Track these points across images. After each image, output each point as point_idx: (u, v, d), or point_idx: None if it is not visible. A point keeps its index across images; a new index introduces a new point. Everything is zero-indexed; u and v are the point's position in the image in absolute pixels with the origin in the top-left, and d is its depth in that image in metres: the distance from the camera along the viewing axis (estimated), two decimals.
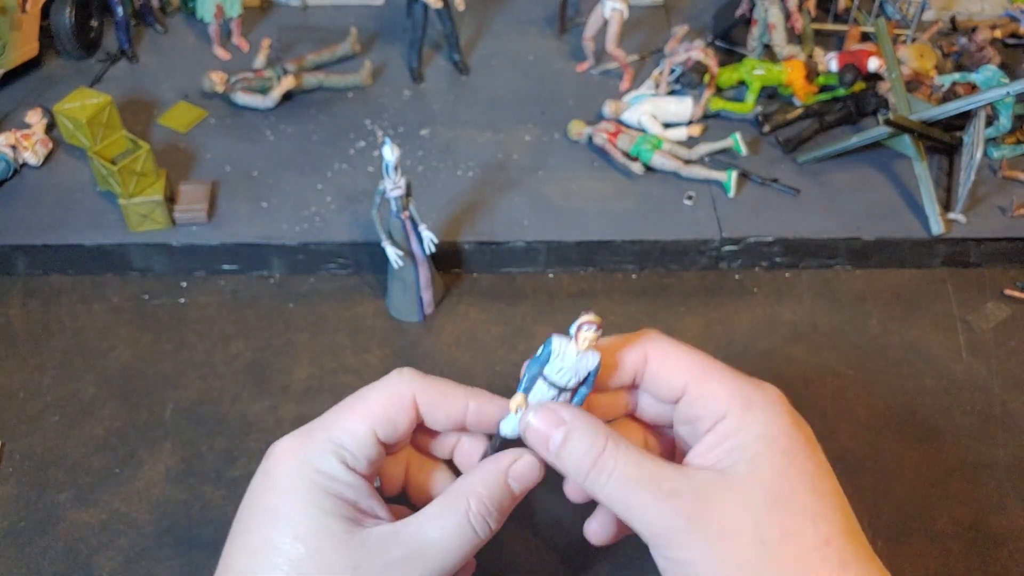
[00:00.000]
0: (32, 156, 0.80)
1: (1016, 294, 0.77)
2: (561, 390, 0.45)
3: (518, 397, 0.45)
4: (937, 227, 0.77)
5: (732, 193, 0.80)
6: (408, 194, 0.66)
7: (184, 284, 0.76)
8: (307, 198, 0.79)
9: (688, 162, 0.82)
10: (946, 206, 0.80)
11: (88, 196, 0.78)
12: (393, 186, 0.64)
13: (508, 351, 0.71)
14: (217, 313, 0.73)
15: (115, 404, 0.66)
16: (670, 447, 0.50)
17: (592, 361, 0.45)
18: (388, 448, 0.45)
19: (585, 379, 0.45)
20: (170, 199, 0.76)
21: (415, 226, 0.68)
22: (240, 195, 0.79)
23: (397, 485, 0.49)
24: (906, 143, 0.83)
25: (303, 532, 0.40)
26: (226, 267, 0.76)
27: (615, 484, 0.42)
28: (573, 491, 0.49)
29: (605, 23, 0.91)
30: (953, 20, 1.03)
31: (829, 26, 1.02)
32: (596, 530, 0.50)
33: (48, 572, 0.56)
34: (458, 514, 0.42)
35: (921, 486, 0.62)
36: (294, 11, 1.05)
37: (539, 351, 0.45)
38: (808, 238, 0.77)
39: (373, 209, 0.66)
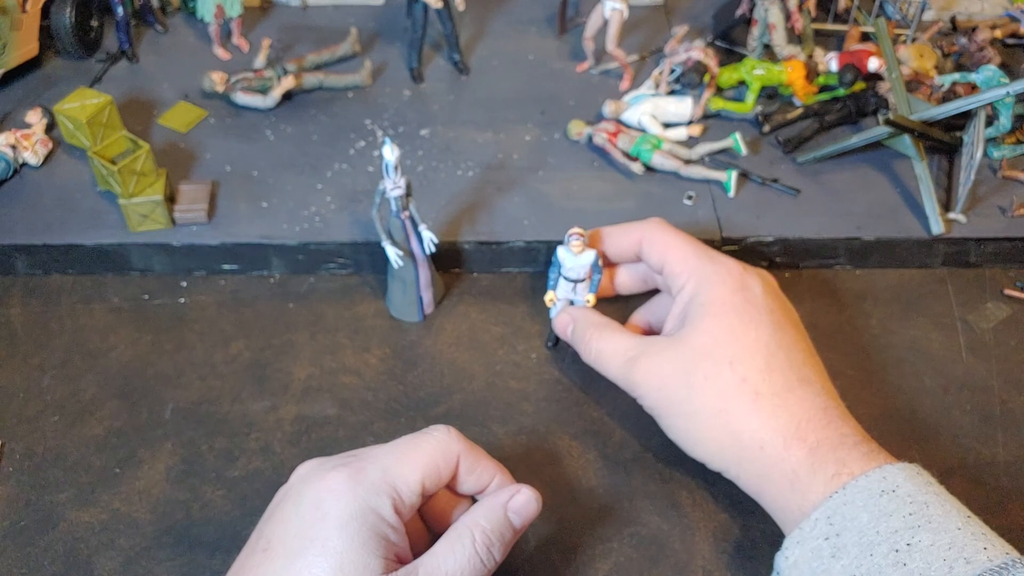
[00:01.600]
0: (32, 156, 0.80)
1: (1016, 294, 0.77)
2: (576, 281, 0.67)
3: (549, 293, 0.68)
4: (937, 227, 0.77)
5: (732, 193, 0.80)
6: (408, 194, 0.65)
7: (184, 284, 0.76)
8: (307, 198, 0.79)
9: (688, 162, 0.82)
10: (946, 206, 0.80)
11: (88, 196, 0.78)
12: (393, 186, 0.64)
13: (508, 351, 0.71)
14: (217, 313, 0.73)
15: (115, 404, 0.66)
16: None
17: (590, 257, 0.65)
18: (425, 498, 0.49)
19: (592, 271, 0.66)
20: (170, 199, 0.76)
21: (415, 226, 0.68)
22: (240, 195, 0.79)
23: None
24: (906, 143, 0.83)
25: (349, 568, 0.43)
26: (226, 267, 0.76)
27: (598, 357, 0.62)
28: (624, 283, 0.72)
29: (605, 23, 0.91)
30: (953, 20, 1.03)
31: (829, 26, 1.02)
32: (624, 279, 0.71)
33: (48, 572, 0.56)
34: (466, 547, 0.47)
35: None
36: (294, 11, 1.05)
37: (552, 260, 0.67)
38: (808, 238, 0.77)
39: (373, 209, 0.66)
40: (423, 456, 0.48)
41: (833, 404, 0.55)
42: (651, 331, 0.68)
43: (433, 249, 0.69)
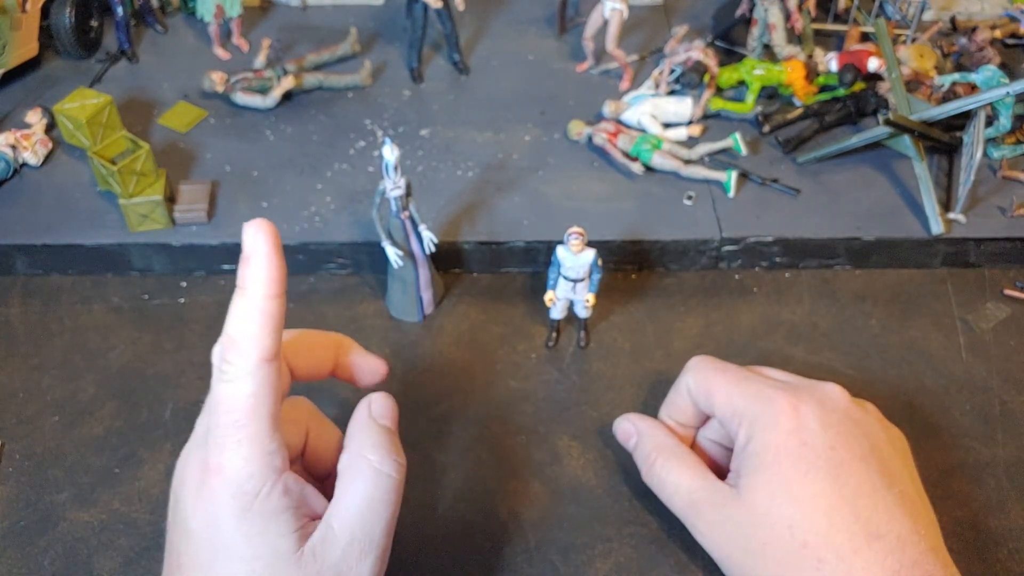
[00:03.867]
0: (32, 156, 0.80)
1: (1016, 294, 0.77)
2: (576, 281, 0.66)
3: (549, 293, 0.68)
4: (937, 227, 0.77)
5: (732, 193, 0.80)
6: (408, 194, 0.65)
7: (184, 284, 0.76)
8: (307, 198, 0.79)
9: (688, 162, 0.82)
10: (946, 206, 0.80)
11: (88, 196, 0.78)
12: (393, 186, 0.64)
13: (508, 351, 0.71)
14: (217, 313, 0.73)
15: (115, 404, 0.66)
16: None
17: (589, 256, 0.65)
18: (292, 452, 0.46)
19: (591, 270, 0.66)
20: (170, 199, 0.76)
21: (415, 226, 0.68)
22: (240, 195, 0.79)
23: (298, 450, 0.49)
24: (906, 143, 0.83)
25: (259, 566, 0.41)
26: (226, 267, 0.76)
27: (660, 487, 0.56)
28: None
29: (605, 23, 0.91)
30: (953, 20, 1.03)
31: (829, 26, 1.02)
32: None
33: (48, 572, 0.56)
34: (367, 473, 0.44)
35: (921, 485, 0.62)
36: (294, 11, 1.05)
37: (552, 260, 0.66)
38: (808, 238, 0.77)
39: (373, 209, 0.66)
40: (259, 401, 0.43)
41: (911, 558, 0.48)
42: (720, 457, 0.60)
43: (433, 249, 0.69)
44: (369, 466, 0.45)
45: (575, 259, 0.65)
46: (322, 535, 0.43)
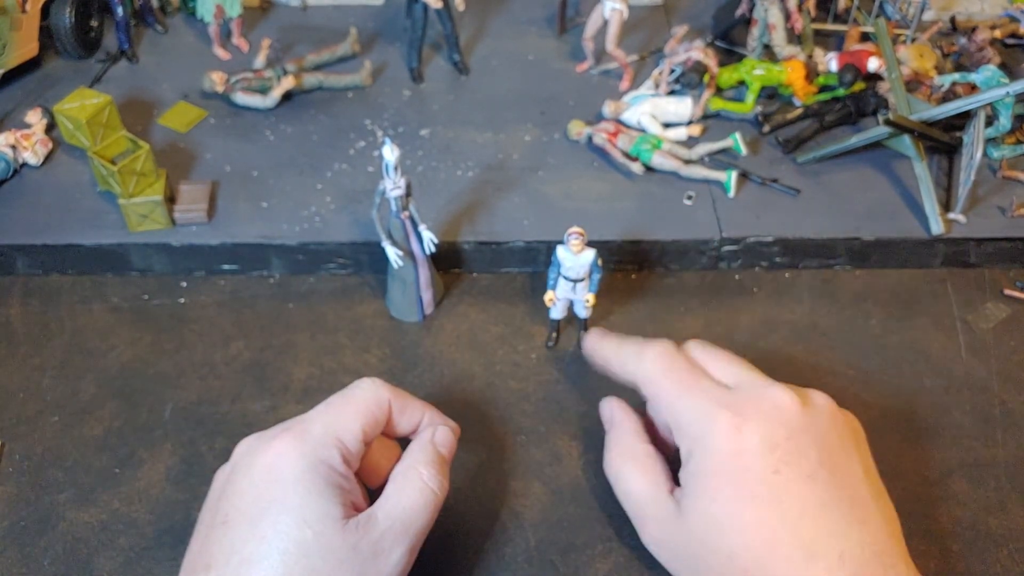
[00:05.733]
0: (32, 156, 0.80)
1: (1016, 294, 0.77)
2: (576, 281, 0.66)
3: (548, 293, 0.68)
4: (937, 227, 0.77)
5: (732, 193, 0.80)
6: (408, 194, 0.65)
7: (184, 284, 0.76)
8: (307, 198, 0.79)
9: (688, 162, 0.82)
10: (946, 206, 0.80)
11: (88, 196, 0.78)
12: (393, 186, 0.64)
13: (508, 351, 0.71)
14: (217, 313, 0.73)
15: (115, 404, 0.66)
16: None
17: (589, 256, 0.65)
18: (366, 445, 0.52)
19: (591, 270, 0.66)
20: (170, 199, 0.76)
21: (415, 226, 0.67)
22: (240, 195, 0.79)
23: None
24: (906, 143, 0.83)
25: (312, 518, 0.46)
26: (226, 267, 0.76)
27: (620, 489, 0.56)
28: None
29: (605, 23, 0.91)
30: (953, 20, 1.03)
31: (829, 26, 1.02)
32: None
33: (48, 572, 0.56)
34: (416, 483, 0.50)
35: (921, 486, 0.62)
36: (294, 11, 1.05)
37: (552, 260, 0.66)
38: (808, 238, 0.77)
39: (373, 209, 0.66)
40: (358, 406, 0.51)
41: (851, 571, 0.47)
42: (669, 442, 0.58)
43: (433, 249, 0.68)
44: (419, 478, 0.51)
45: (575, 259, 0.65)
46: (367, 516, 0.48)
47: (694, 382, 0.54)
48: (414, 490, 0.50)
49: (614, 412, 0.59)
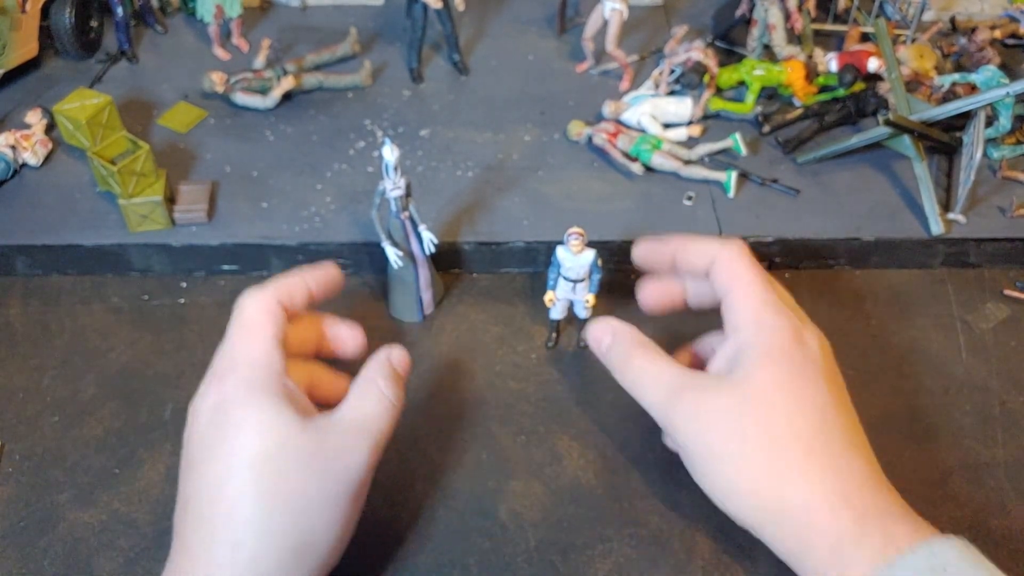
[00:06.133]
0: (32, 156, 0.80)
1: (1016, 294, 0.77)
2: (575, 281, 0.66)
3: (548, 293, 0.68)
4: (937, 227, 0.77)
5: (732, 193, 0.80)
6: (408, 194, 0.65)
7: (184, 284, 0.76)
8: (307, 198, 0.79)
9: (688, 162, 0.82)
10: (946, 206, 0.80)
11: (88, 196, 0.78)
12: (393, 186, 0.64)
13: (508, 351, 0.71)
14: (217, 313, 0.73)
15: (115, 404, 0.66)
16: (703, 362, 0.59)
17: (589, 257, 0.65)
18: (285, 353, 0.53)
19: (591, 271, 0.66)
20: (170, 199, 0.76)
21: (415, 226, 0.67)
22: (240, 195, 0.79)
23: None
24: (906, 143, 0.83)
25: (271, 426, 0.48)
26: (226, 267, 0.76)
27: (638, 380, 0.56)
28: (648, 297, 0.64)
29: (605, 23, 0.91)
30: (953, 20, 1.03)
31: (829, 26, 1.02)
32: (649, 295, 0.63)
33: (48, 572, 0.56)
34: (375, 393, 0.53)
35: (921, 486, 0.62)
36: (294, 11, 1.05)
37: (551, 260, 0.66)
38: (808, 238, 0.77)
39: (373, 209, 0.66)
40: (255, 322, 0.53)
41: (878, 474, 0.52)
42: (697, 366, 0.61)
43: (433, 250, 0.68)
44: (378, 389, 0.53)
45: (575, 259, 0.65)
46: (328, 418, 0.51)
47: (770, 286, 0.57)
48: (373, 399, 0.53)
49: (611, 324, 0.60)
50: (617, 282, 0.77)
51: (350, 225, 0.76)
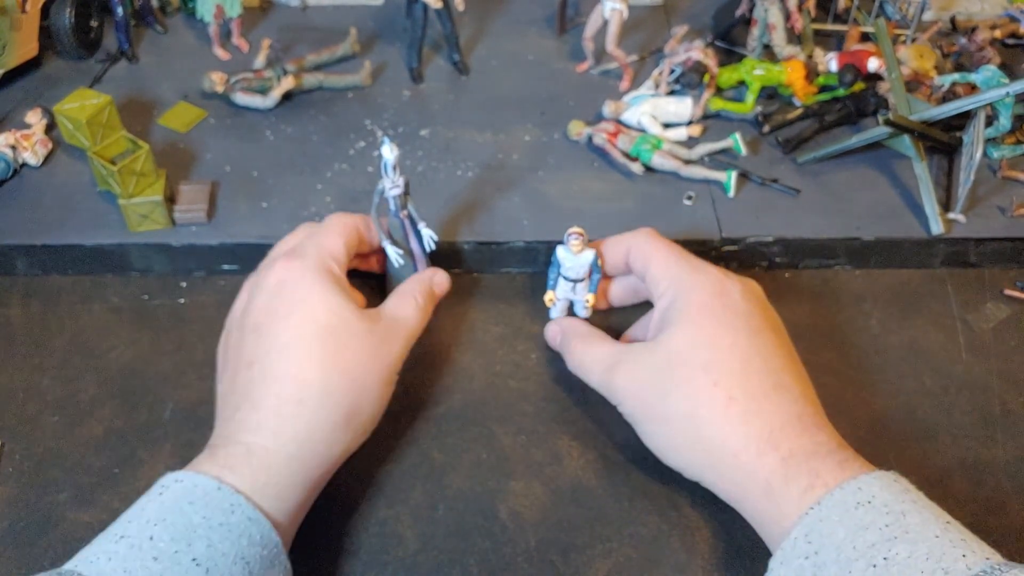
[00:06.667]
0: (32, 156, 0.80)
1: (1016, 294, 0.77)
2: (575, 281, 0.66)
3: (548, 293, 0.69)
4: (937, 227, 0.77)
5: (732, 193, 0.80)
6: (406, 192, 0.65)
7: (184, 284, 0.76)
8: (307, 198, 0.79)
9: (688, 162, 0.82)
10: (946, 206, 0.80)
11: (88, 196, 0.78)
12: (392, 185, 0.64)
13: (508, 351, 0.71)
14: (217, 313, 0.73)
15: (115, 404, 0.66)
16: None
17: (589, 256, 0.65)
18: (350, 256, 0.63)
19: (591, 271, 0.66)
20: (170, 199, 0.76)
21: (414, 224, 0.67)
22: (240, 195, 0.79)
23: None
24: (906, 143, 0.83)
25: (334, 307, 0.56)
26: (226, 267, 0.76)
27: (584, 365, 0.63)
28: (615, 295, 0.71)
29: (605, 23, 0.91)
30: (953, 20, 1.03)
31: (829, 26, 1.02)
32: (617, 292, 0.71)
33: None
34: (411, 302, 0.63)
35: (921, 486, 0.62)
36: (294, 11, 1.05)
37: (551, 260, 0.66)
38: (808, 238, 0.77)
39: (372, 209, 0.66)
40: (339, 225, 0.63)
41: (810, 411, 0.54)
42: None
43: (433, 246, 0.68)
44: (414, 300, 0.63)
45: (575, 259, 0.65)
46: (376, 311, 0.60)
47: (687, 253, 0.63)
48: (411, 307, 0.62)
49: (561, 323, 0.68)
50: None
51: None
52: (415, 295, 0.63)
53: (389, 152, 0.62)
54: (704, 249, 0.77)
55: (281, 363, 0.54)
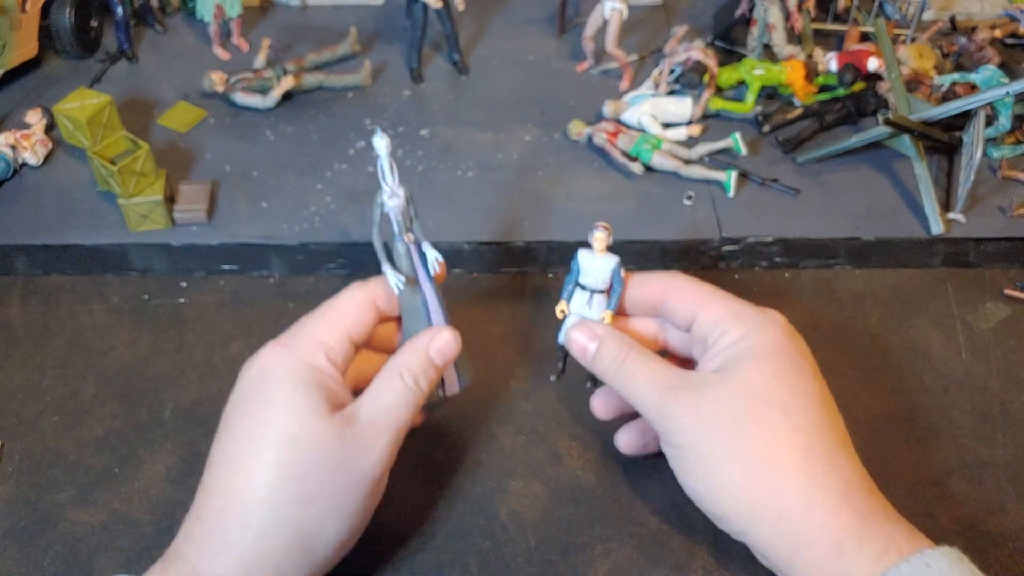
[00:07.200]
0: (32, 156, 0.80)
1: (1016, 294, 0.77)
2: (593, 292, 0.58)
3: (561, 303, 0.58)
4: (937, 227, 0.77)
5: (732, 193, 0.80)
6: (409, 205, 0.56)
7: (184, 284, 0.76)
8: (307, 198, 0.79)
9: (688, 162, 0.82)
10: (946, 206, 0.80)
11: (88, 196, 0.78)
12: (391, 193, 0.55)
13: (508, 351, 0.71)
14: (217, 313, 0.73)
15: (115, 404, 0.66)
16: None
17: (611, 263, 0.57)
18: (356, 347, 0.55)
19: (612, 283, 0.57)
20: (170, 199, 0.76)
21: (420, 250, 0.57)
22: (240, 195, 0.79)
23: (351, 384, 0.57)
24: (906, 143, 0.83)
25: (297, 411, 0.49)
26: (226, 267, 0.76)
27: (631, 382, 0.54)
28: (599, 408, 0.62)
29: (605, 23, 0.91)
30: (953, 20, 1.03)
31: (829, 26, 1.02)
32: (625, 440, 0.62)
33: (48, 572, 0.56)
34: (396, 383, 0.53)
35: (921, 486, 0.62)
36: (294, 11, 1.05)
37: (571, 266, 0.58)
38: (808, 238, 0.77)
39: (373, 227, 0.56)
40: (341, 311, 0.54)
41: (867, 475, 0.51)
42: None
43: (438, 268, 0.58)
44: (401, 379, 0.53)
45: (595, 261, 0.57)
46: (351, 410, 0.51)
47: (727, 292, 0.57)
48: (396, 389, 0.52)
49: (594, 329, 0.57)
50: None
51: (350, 225, 0.76)
52: (403, 373, 0.53)
53: (380, 141, 0.53)
54: (704, 249, 0.77)
55: (228, 474, 0.48)
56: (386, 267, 0.56)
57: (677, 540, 0.59)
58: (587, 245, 0.57)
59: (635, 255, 0.77)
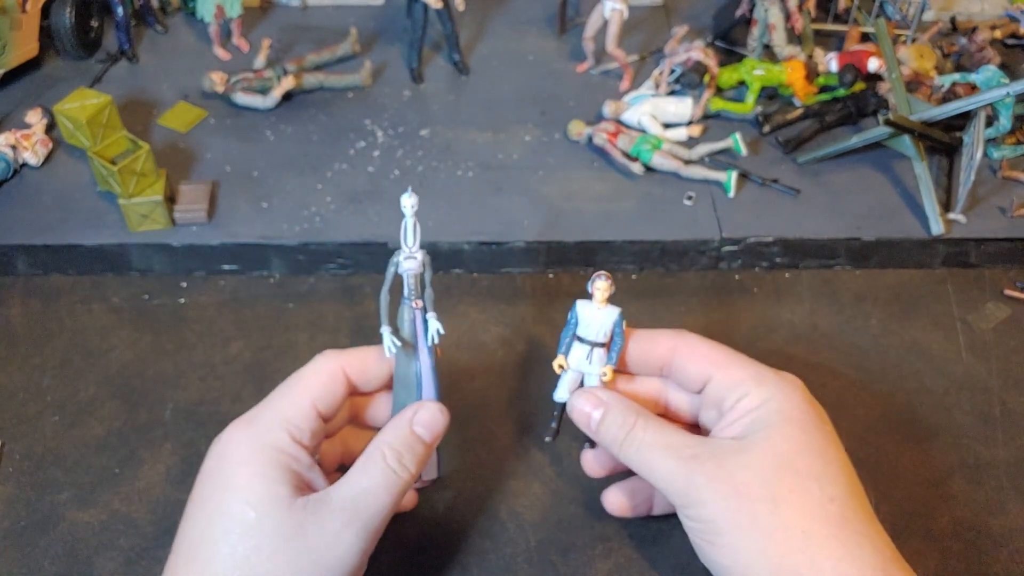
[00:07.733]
0: (32, 156, 0.80)
1: (1016, 294, 0.77)
2: (593, 346, 0.53)
3: (559, 358, 0.54)
4: (937, 227, 0.77)
5: (732, 193, 0.80)
6: (423, 271, 0.52)
7: (184, 284, 0.76)
8: (307, 198, 0.79)
9: (688, 162, 0.82)
10: (946, 206, 0.80)
11: (88, 196, 0.78)
12: (408, 255, 0.51)
13: (508, 351, 0.71)
14: (217, 313, 0.73)
15: (115, 404, 0.66)
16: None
17: (613, 315, 0.53)
18: (326, 420, 0.51)
19: (613, 336, 0.53)
20: (170, 199, 0.76)
21: (424, 319, 0.53)
22: (240, 195, 0.79)
23: (335, 461, 0.55)
24: (906, 143, 0.83)
25: (254, 499, 0.46)
26: (226, 267, 0.76)
27: (645, 452, 0.50)
28: (591, 466, 0.58)
29: (605, 23, 0.91)
30: (953, 20, 1.03)
31: (829, 26, 1.02)
32: (613, 501, 0.58)
33: (48, 572, 0.56)
34: (377, 464, 0.49)
35: (921, 486, 0.62)
36: (294, 11, 1.05)
37: (568, 318, 0.53)
38: (808, 238, 0.77)
39: (383, 286, 0.52)
40: (306, 383, 0.51)
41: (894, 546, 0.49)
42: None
43: (437, 340, 0.53)
44: (382, 458, 0.49)
45: (596, 314, 0.53)
46: (318, 497, 0.47)
47: (736, 352, 0.54)
48: (375, 471, 0.48)
49: (599, 396, 0.53)
50: (617, 282, 0.77)
51: (350, 225, 0.76)
52: (385, 452, 0.49)
53: (408, 200, 0.50)
54: (704, 249, 0.77)
55: (186, 564, 0.46)
56: (385, 329, 0.52)
57: (677, 540, 0.59)
58: (586, 296, 0.53)
59: (635, 255, 0.77)
